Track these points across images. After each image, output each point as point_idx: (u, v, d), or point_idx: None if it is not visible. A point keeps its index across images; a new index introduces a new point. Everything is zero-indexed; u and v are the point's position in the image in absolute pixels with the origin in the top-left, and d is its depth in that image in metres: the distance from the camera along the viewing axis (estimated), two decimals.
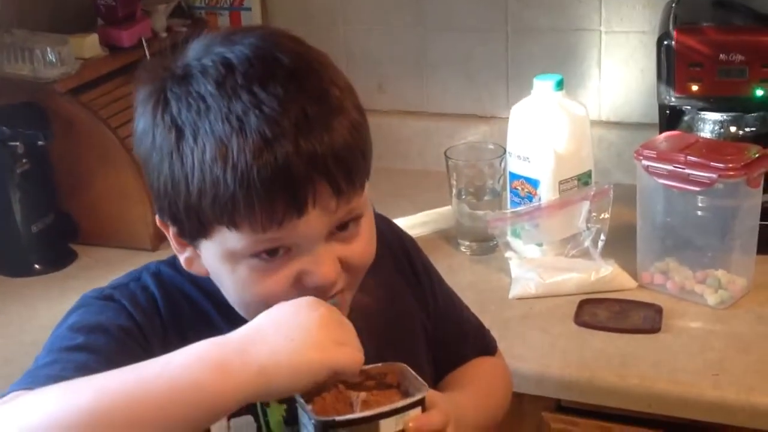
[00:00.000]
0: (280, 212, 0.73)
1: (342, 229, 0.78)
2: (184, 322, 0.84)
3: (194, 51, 0.78)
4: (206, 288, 0.85)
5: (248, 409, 0.82)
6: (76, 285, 1.48)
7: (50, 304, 1.42)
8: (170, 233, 0.81)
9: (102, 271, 1.50)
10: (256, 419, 0.83)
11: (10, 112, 1.49)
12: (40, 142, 1.47)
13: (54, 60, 1.49)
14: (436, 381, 0.98)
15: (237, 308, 0.82)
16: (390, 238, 0.98)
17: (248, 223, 0.73)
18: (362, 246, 0.80)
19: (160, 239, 1.56)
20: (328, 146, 0.73)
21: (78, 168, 1.55)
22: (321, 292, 0.77)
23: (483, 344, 1.06)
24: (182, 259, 0.82)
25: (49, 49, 1.49)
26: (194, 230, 0.77)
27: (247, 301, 0.79)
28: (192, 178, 0.73)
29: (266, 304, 0.76)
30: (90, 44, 1.58)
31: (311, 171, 0.73)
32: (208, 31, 1.97)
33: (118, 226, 1.56)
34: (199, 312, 0.85)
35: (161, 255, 1.50)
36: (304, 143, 0.72)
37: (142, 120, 0.78)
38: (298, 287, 0.77)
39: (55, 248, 1.56)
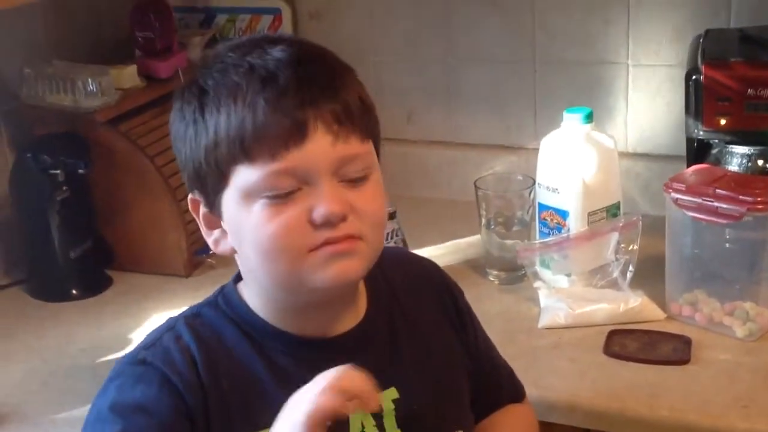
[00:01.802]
0: (286, 133, 0.80)
1: (352, 183, 0.83)
2: (220, 371, 0.85)
3: (213, 51, 0.88)
4: (245, 323, 0.88)
5: None
6: (111, 310, 1.51)
7: (87, 329, 1.46)
8: (200, 214, 0.87)
9: (137, 296, 1.54)
10: None
11: (52, 141, 1.53)
12: (80, 171, 1.51)
13: (95, 90, 1.54)
14: None
15: (261, 269, 0.84)
16: (437, 281, 1.01)
17: (259, 150, 0.80)
18: (371, 195, 0.84)
19: (193, 267, 1.60)
20: (330, 89, 0.82)
21: (116, 195, 1.59)
22: (330, 228, 0.81)
23: (515, 390, 1.08)
24: (210, 241, 0.88)
25: (90, 80, 1.53)
26: (215, 184, 0.83)
27: (266, 247, 0.82)
28: (210, 123, 0.82)
29: (282, 246, 0.81)
30: (129, 75, 1.63)
31: (314, 101, 0.80)
32: None
33: (153, 253, 1.59)
34: (237, 361, 0.86)
35: (194, 281, 1.56)
36: (306, 79, 0.81)
37: (173, 107, 0.87)
38: (311, 224, 0.81)
39: (92, 274, 1.60)
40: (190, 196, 0.88)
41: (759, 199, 1.22)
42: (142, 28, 1.69)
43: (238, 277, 0.91)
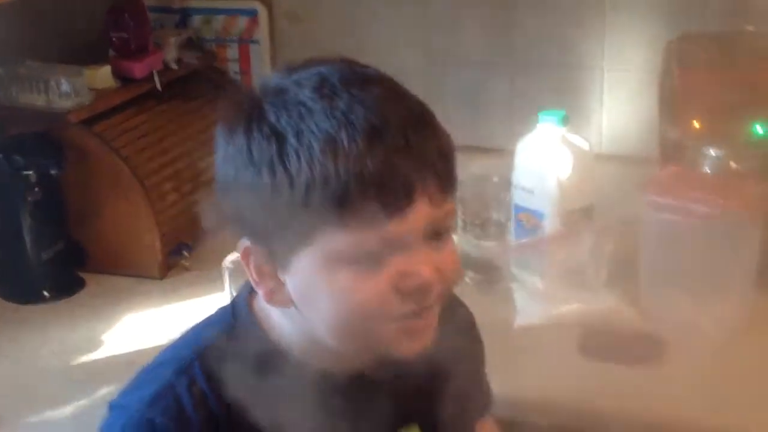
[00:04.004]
0: (391, 201, 0.72)
1: (436, 238, 0.77)
2: (242, 414, 0.78)
3: (278, 75, 0.78)
4: (269, 353, 0.81)
5: None
6: (84, 312, 1.49)
7: (61, 331, 1.44)
8: (252, 264, 0.78)
9: (110, 298, 1.53)
10: None
11: (24, 141, 1.51)
12: (52, 172, 1.50)
13: (68, 91, 1.52)
14: None
15: (331, 330, 0.78)
16: (466, 325, 1.01)
17: (357, 217, 0.72)
18: (453, 256, 0.79)
19: (168, 268, 1.59)
20: (435, 143, 0.75)
21: (88, 197, 1.57)
22: (420, 298, 0.76)
23: (487, 406, 1.07)
24: (263, 292, 0.79)
25: (63, 80, 1.52)
26: (292, 240, 0.74)
27: (347, 314, 0.76)
28: (299, 176, 0.71)
29: (366, 316, 0.75)
30: (103, 76, 1.61)
31: (421, 162, 0.73)
32: (218, 63, 1.99)
33: (127, 255, 1.58)
34: (265, 399, 0.79)
35: (168, 283, 1.55)
36: (413, 136, 0.73)
37: (231, 142, 0.76)
38: (399, 293, 0.75)
39: (64, 276, 1.58)
40: (244, 244, 0.78)
41: (732, 200, 1.23)
42: (117, 28, 1.68)
43: (249, 297, 0.84)
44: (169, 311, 1.47)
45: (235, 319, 0.84)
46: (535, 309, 1.36)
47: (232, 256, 1.34)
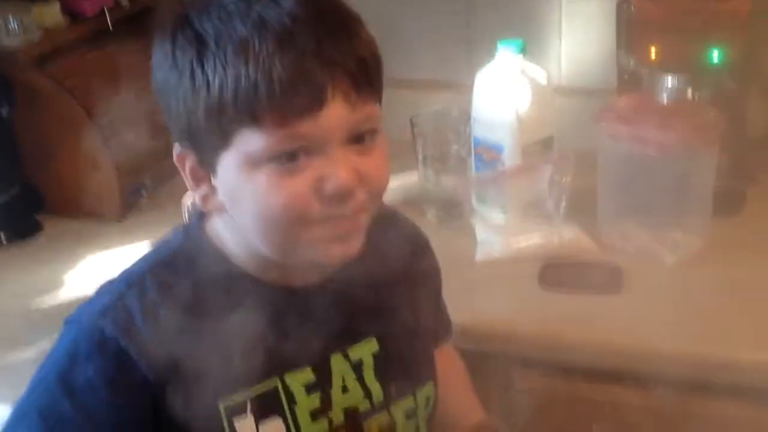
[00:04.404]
0: (301, 101, 0.73)
1: (359, 141, 0.78)
2: (194, 326, 0.80)
3: None
4: (221, 271, 0.83)
5: (275, 409, 0.83)
6: (42, 255, 1.48)
7: (18, 275, 1.43)
8: (187, 168, 0.81)
9: (69, 240, 1.51)
10: (284, 420, 0.84)
11: None
12: (3, 111, 1.46)
13: (16, 29, 1.48)
14: None
15: (258, 232, 0.79)
16: (418, 247, 1.01)
17: (270, 117, 0.73)
18: (379, 161, 0.80)
19: (126, 208, 1.57)
20: (350, 46, 0.76)
21: (43, 138, 1.54)
22: (340, 201, 0.77)
23: (446, 330, 1.10)
24: (198, 196, 0.81)
25: (11, 18, 1.47)
26: (214, 143, 0.76)
27: (268, 215, 0.77)
28: (213, 79, 0.73)
29: (287, 217, 0.76)
30: (52, 13, 1.57)
31: (333, 64, 0.74)
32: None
33: (85, 197, 1.56)
34: (215, 312, 0.81)
35: (128, 224, 1.54)
36: (326, 39, 0.74)
37: (161, 49, 0.78)
38: (318, 195, 0.77)
39: (21, 220, 1.55)
40: (177, 148, 0.81)
41: (687, 128, 1.24)
42: None
43: (201, 219, 0.86)
44: (129, 251, 1.46)
45: (187, 238, 0.86)
46: (495, 242, 1.37)
47: (191, 193, 1.33)
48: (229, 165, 0.77)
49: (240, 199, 0.78)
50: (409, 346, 0.94)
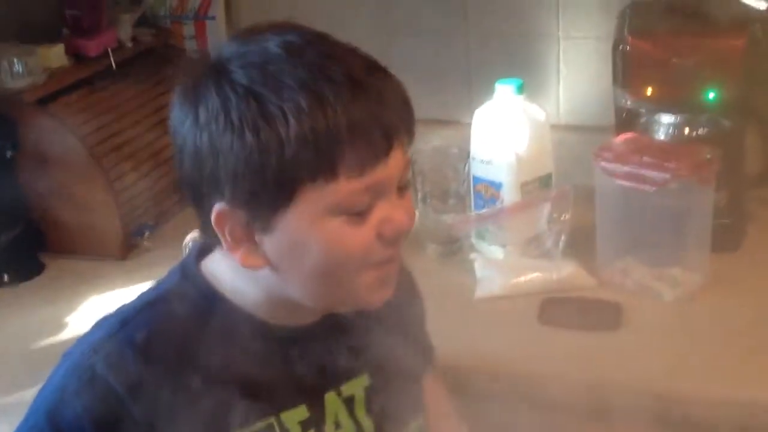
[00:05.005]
0: (376, 148, 0.75)
1: (402, 187, 0.80)
2: (186, 366, 0.80)
3: (233, 40, 0.79)
4: (217, 310, 0.82)
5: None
6: (44, 295, 1.49)
7: (20, 315, 1.43)
8: (229, 227, 0.78)
9: (71, 280, 1.52)
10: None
11: None
12: (8, 153, 1.48)
13: (21, 70, 1.50)
14: None
15: (313, 283, 0.79)
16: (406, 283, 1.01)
17: (347, 167, 0.74)
18: (411, 205, 0.82)
19: (129, 248, 1.58)
20: (400, 91, 0.78)
21: (46, 178, 1.55)
22: (394, 244, 0.79)
23: (430, 360, 1.08)
24: (239, 255, 0.79)
25: (16, 60, 1.50)
26: (276, 200, 0.75)
27: (333, 264, 0.78)
28: (288, 132, 0.72)
29: (350, 264, 0.78)
30: (56, 54, 1.59)
31: (394, 109, 0.76)
32: (174, 41, 1.97)
33: (87, 236, 1.57)
34: (209, 352, 0.81)
35: (130, 264, 1.54)
36: (383, 85, 0.76)
37: (203, 109, 0.75)
38: (380, 240, 0.78)
39: (24, 259, 1.56)
40: (218, 207, 0.77)
41: (683, 165, 1.25)
42: (70, 5, 1.66)
43: (197, 258, 0.85)
44: (132, 292, 1.46)
45: (183, 277, 0.86)
46: (495, 279, 1.37)
47: (194, 234, 1.34)
48: (290, 221, 0.76)
49: (300, 253, 0.78)
50: (400, 380, 0.95)
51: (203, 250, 0.87)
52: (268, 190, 0.75)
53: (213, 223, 0.78)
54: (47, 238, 1.59)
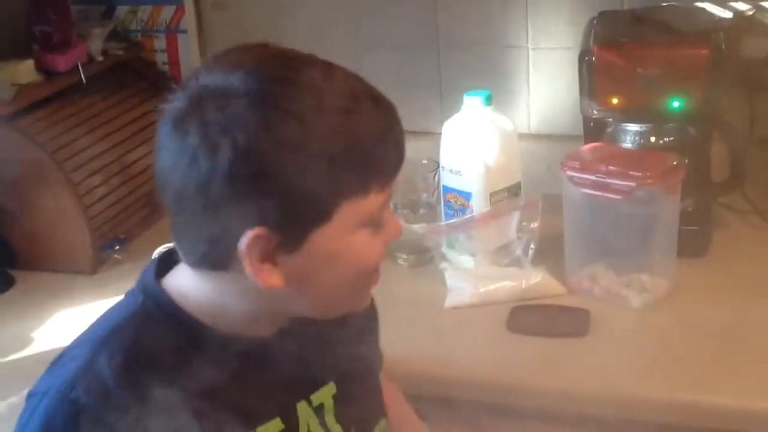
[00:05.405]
0: (397, 161, 0.81)
1: None
2: (164, 383, 0.79)
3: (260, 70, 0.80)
4: (186, 329, 0.82)
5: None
6: (14, 310, 1.48)
7: None
8: (258, 251, 0.76)
9: (41, 295, 1.51)
10: None
11: None
12: None
13: None
14: None
15: (335, 294, 0.83)
16: None
17: (378, 181, 0.79)
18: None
19: (99, 263, 1.57)
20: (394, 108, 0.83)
21: (15, 193, 1.55)
22: (388, 248, 0.85)
23: (381, 356, 1.09)
24: (260, 280, 0.78)
25: None
26: (310, 218, 0.76)
27: (358, 274, 0.82)
28: (331, 151, 0.75)
29: (368, 272, 0.83)
30: (26, 70, 1.59)
31: (401, 128, 0.82)
32: (145, 55, 1.96)
33: (57, 251, 1.57)
34: (184, 370, 0.80)
35: (101, 278, 1.54)
36: (385, 98, 0.81)
37: (241, 135, 0.73)
38: (384, 248, 0.84)
39: None
40: (255, 231, 0.75)
41: (649, 174, 1.26)
42: (39, 21, 1.66)
43: (156, 275, 0.85)
44: (102, 306, 1.45)
45: (146, 297, 0.84)
46: (465, 288, 1.38)
47: (164, 248, 1.34)
48: (322, 237, 0.77)
49: (326, 267, 0.80)
50: (364, 386, 0.97)
51: (162, 266, 0.86)
52: (309, 210, 0.77)
53: (242, 248, 0.76)
54: (17, 253, 1.58)
